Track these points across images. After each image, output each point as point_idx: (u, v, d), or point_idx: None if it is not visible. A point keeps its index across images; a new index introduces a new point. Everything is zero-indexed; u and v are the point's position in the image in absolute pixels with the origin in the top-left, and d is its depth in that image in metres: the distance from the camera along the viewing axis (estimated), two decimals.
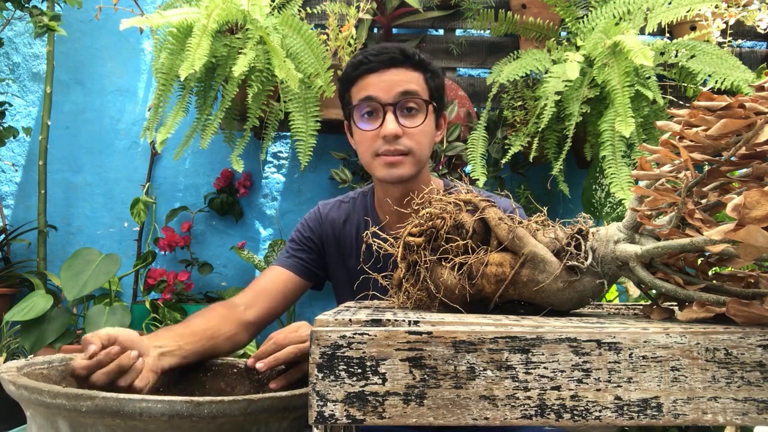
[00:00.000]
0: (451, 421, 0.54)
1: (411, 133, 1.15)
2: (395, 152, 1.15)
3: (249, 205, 2.33)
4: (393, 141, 1.15)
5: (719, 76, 1.76)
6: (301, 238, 1.29)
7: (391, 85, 1.15)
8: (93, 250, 2.02)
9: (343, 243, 1.28)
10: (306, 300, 2.23)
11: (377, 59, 1.16)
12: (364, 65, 1.17)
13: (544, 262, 0.68)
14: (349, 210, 1.30)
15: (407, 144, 1.15)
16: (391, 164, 1.16)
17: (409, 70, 1.17)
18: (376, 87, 1.16)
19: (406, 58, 1.16)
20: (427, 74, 1.19)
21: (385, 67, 1.16)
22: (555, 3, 1.98)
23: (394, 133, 1.14)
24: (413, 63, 1.17)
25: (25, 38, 2.38)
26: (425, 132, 1.17)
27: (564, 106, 1.85)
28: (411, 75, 1.17)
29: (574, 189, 2.10)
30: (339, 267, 1.29)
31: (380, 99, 1.15)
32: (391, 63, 1.16)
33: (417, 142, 1.16)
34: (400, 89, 1.15)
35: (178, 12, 1.81)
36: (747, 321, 0.58)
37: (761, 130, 0.60)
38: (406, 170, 1.16)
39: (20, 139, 2.34)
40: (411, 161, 1.16)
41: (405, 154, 1.16)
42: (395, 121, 1.14)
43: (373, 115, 1.17)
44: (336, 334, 0.54)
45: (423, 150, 1.18)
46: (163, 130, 1.83)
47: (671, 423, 0.54)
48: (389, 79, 1.15)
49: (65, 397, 0.70)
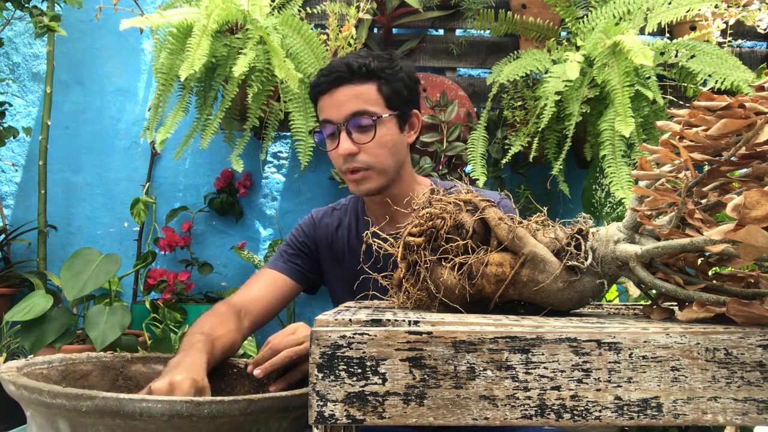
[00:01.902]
0: (451, 421, 0.54)
1: (366, 148, 1.17)
2: (355, 169, 1.17)
3: (249, 205, 2.33)
4: (350, 159, 1.17)
5: (719, 76, 1.76)
6: (295, 243, 1.32)
7: (340, 105, 1.16)
8: (93, 250, 2.02)
9: (336, 247, 1.31)
10: (306, 300, 2.23)
11: (326, 80, 1.17)
12: (317, 87, 1.19)
13: (544, 262, 0.68)
14: (341, 215, 1.34)
15: (364, 160, 1.17)
16: (356, 181, 1.19)
17: (358, 85, 1.17)
18: (329, 109, 1.18)
19: (351, 74, 1.16)
20: (380, 81, 1.18)
21: (334, 87, 1.17)
22: (555, 3, 1.98)
23: (347, 153, 1.16)
24: (361, 76, 1.16)
25: (25, 38, 2.37)
26: (382, 143, 1.18)
27: (564, 106, 1.85)
28: (360, 89, 1.17)
29: (574, 189, 2.10)
30: (334, 270, 1.31)
31: (333, 120, 1.17)
32: (338, 82, 1.16)
33: (374, 155, 1.17)
34: (349, 109, 1.16)
35: (178, 12, 1.81)
36: (747, 321, 0.58)
37: (761, 130, 0.60)
38: (372, 184, 1.19)
39: (20, 139, 2.34)
40: (374, 175, 1.18)
41: (367, 169, 1.17)
42: (348, 140, 1.16)
43: (332, 135, 1.19)
44: (336, 334, 0.54)
45: (384, 160, 1.18)
46: (163, 130, 1.83)
47: (671, 423, 0.54)
48: (338, 100, 1.17)
49: (65, 397, 0.70)
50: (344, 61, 1.17)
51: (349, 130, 1.16)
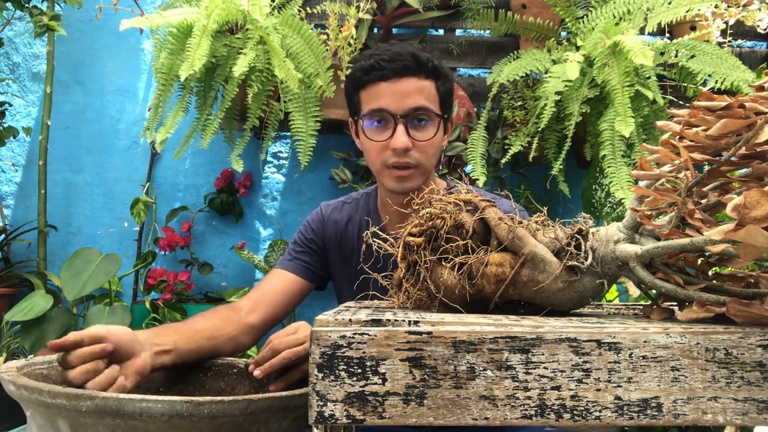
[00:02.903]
0: (451, 421, 0.54)
1: (421, 146, 1.13)
2: (405, 165, 1.13)
3: (249, 205, 2.33)
4: (402, 154, 1.12)
5: (719, 76, 1.76)
6: (303, 240, 1.29)
7: (403, 96, 1.11)
8: (93, 250, 2.02)
9: (345, 244, 1.28)
10: (306, 300, 2.20)
11: (390, 66, 1.11)
12: (376, 71, 1.12)
13: (544, 262, 0.68)
14: (351, 211, 1.30)
15: (416, 157, 1.13)
16: (401, 178, 1.15)
17: (422, 79, 1.13)
18: (387, 97, 1.12)
19: (419, 66, 1.12)
20: (439, 81, 1.15)
21: (398, 76, 1.11)
22: (555, 3, 1.98)
23: (404, 147, 1.11)
24: (426, 71, 1.13)
25: (25, 38, 2.37)
26: (434, 144, 1.15)
27: (564, 106, 1.85)
28: (423, 84, 1.13)
29: (574, 189, 2.09)
30: (341, 268, 1.29)
31: (392, 110, 1.12)
32: (404, 71, 1.11)
33: (425, 154, 1.14)
34: (413, 102, 1.11)
35: (178, 12, 1.81)
36: (747, 321, 0.58)
37: (761, 130, 0.60)
38: (415, 183, 1.15)
39: (20, 139, 2.34)
40: (419, 173, 1.15)
41: (414, 167, 1.14)
42: (406, 134, 1.11)
43: (383, 124, 1.14)
44: (336, 334, 0.54)
45: (430, 161, 1.16)
46: (163, 130, 1.83)
47: (671, 423, 0.54)
48: (401, 90, 1.11)
49: (65, 397, 0.70)
50: (410, 51, 1.11)
51: (408, 125, 1.12)
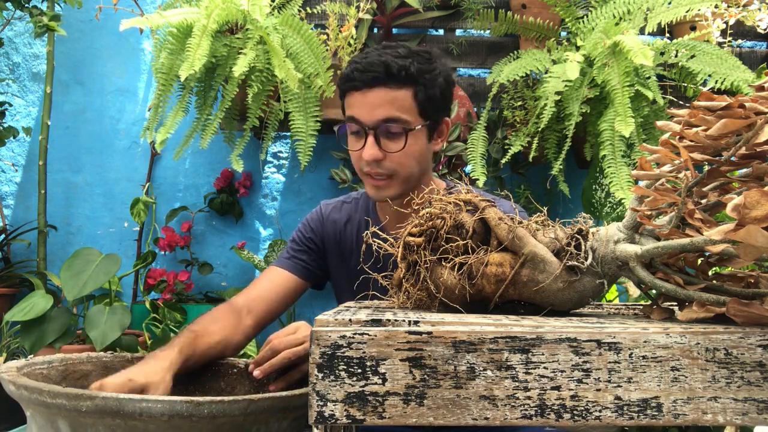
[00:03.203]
0: (451, 421, 0.54)
1: (393, 156, 1.11)
2: (378, 175, 1.13)
3: (249, 205, 2.33)
4: (374, 165, 1.11)
5: (719, 76, 1.76)
6: (302, 239, 1.29)
7: (373, 107, 1.09)
8: (93, 250, 2.02)
9: (344, 244, 1.27)
10: (306, 300, 2.23)
11: (361, 78, 1.09)
12: (350, 82, 1.11)
13: (544, 262, 0.68)
14: (351, 211, 1.29)
15: (389, 167, 1.12)
16: (377, 187, 1.14)
17: (394, 89, 1.09)
18: (359, 108, 1.11)
19: (389, 77, 1.08)
20: (418, 87, 1.10)
21: (368, 87, 1.09)
22: (555, 3, 1.98)
23: (371, 159, 1.10)
24: (399, 80, 1.09)
25: (25, 38, 2.37)
26: (409, 153, 1.12)
27: (564, 106, 1.85)
28: (396, 94, 1.09)
29: (574, 189, 2.09)
30: (340, 268, 1.29)
31: (363, 121, 1.10)
32: (373, 82, 1.09)
33: (400, 163, 1.12)
34: (381, 114, 1.09)
35: (178, 12, 1.81)
36: (747, 321, 0.58)
37: (761, 130, 0.60)
38: (392, 191, 1.14)
39: (20, 139, 2.34)
40: (396, 183, 1.14)
41: (389, 177, 1.13)
42: (374, 146, 1.10)
43: (358, 134, 1.13)
44: (336, 334, 0.54)
45: (409, 169, 1.14)
46: (163, 130, 1.83)
47: (671, 423, 0.54)
48: (370, 102, 1.09)
49: (65, 397, 0.70)
50: (383, 60, 1.08)
51: (378, 136, 1.10)
